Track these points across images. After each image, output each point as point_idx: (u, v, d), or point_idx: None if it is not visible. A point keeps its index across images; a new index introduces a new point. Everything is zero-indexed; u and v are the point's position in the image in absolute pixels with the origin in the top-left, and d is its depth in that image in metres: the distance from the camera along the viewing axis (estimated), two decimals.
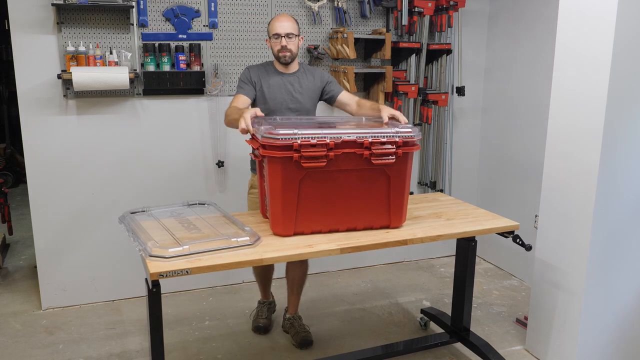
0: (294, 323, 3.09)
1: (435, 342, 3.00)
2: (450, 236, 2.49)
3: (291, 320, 3.11)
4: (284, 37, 2.71)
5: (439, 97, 3.87)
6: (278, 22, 2.74)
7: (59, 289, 3.45)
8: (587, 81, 2.55)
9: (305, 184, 2.31)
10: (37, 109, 3.21)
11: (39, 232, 3.35)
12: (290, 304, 3.13)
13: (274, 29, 2.74)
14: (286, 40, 2.72)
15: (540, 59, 3.59)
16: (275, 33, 2.73)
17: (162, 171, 3.50)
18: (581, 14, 2.56)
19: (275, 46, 2.75)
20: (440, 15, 3.79)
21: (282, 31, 2.71)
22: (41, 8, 3.10)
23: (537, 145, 3.50)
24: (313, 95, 2.89)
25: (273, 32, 2.74)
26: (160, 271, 1.98)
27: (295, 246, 2.26)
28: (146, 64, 3.30)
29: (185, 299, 3.58)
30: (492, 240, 3.44)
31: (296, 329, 3.06)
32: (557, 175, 2.77)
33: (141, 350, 3.00)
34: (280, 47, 2.73)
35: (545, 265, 2.86)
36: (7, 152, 6.40)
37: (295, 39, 2.76)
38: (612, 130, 2.50)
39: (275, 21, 2.76)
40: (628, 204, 2.64)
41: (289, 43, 2.73)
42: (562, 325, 2.78)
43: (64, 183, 3.33)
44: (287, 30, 2.71)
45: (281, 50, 2.74)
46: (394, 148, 2.35)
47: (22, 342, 3.07)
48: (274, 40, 2.75)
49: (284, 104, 2.81)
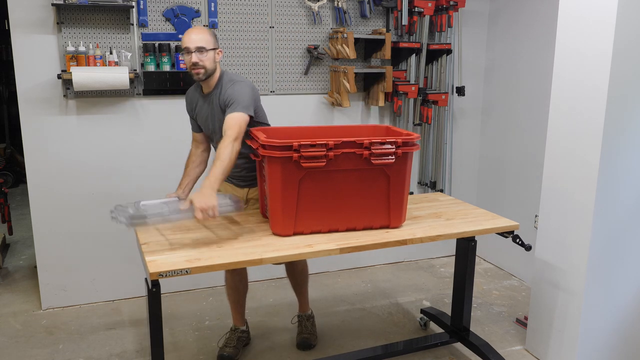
0: (302, 322, 3.08)
1: (435, 342, 3.00)
2: (450, 236, 2.49)
3: (300, 318, 3.09)
4: (194, 52, 2.39)
5: (439, 97, 3.87)
6: (187, 35, 2.43)
7: (59, 289, 3.45)
8: (587, 81, 2.55)
9: (305, 184, 2.31)
10: (37, 109, 3.21)
11: (39, 232, 3.36)
12: (298, 302, 3.09)
13: (183, 43, 2.43)
14: (197, 55, 2.39)
15: (540, 58, 3.59)
16: (185, 47, 2.41)
17: (161, 170, 3.50)
18: (581, 13, 2.56)
19: (187, 63, 2.43)
20: (440, 15, 3.79)
21: (192, 45, 2.39)
22: (41, 8, 3.10)
23: (537, 145, 3.50)
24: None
25: (183, 47, 2.42)
26: (160, 271, 1.98)
27: (294, 246, 2.27)
28: (146, 64, 3.30)
29: (185, 299, 3.59)
30: (492, 240, 3.44)
31: (301, 329, 3.06)
32: (557, 175, 2.77)
33: (141, 350, 3.00)
34: (192, 64, 2.41)
35: (545, 265, 2.86)
36: (7, 152, 6.40)
37: (211, 53, 2.43)
38: (612, 131, 2.50)
39: (185, 34, 2.45)
40: (628, 203, 2.64)
41: (202, 59, 2.40)
42: (562, 325, 2.78)
43: (64, 183, 3.34)
44: (198, 44, 2.40)
45: (192, 67, 2.41)
46: (393, 148, 2.36)
47: (22, 342, 3.07)
48: (185, 56, 2.43)
49: (214, 132, 2.57)
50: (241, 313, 2.97)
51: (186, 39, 2.44)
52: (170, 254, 2.15)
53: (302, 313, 3.10)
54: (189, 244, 2.25)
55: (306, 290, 3.06)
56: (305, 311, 3.09)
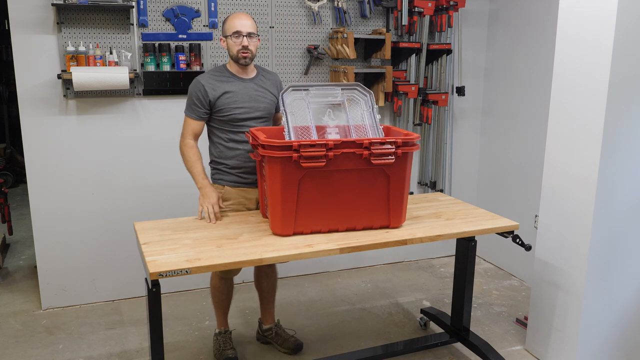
0: (278, 331, 3.00)
1: (435, 342, 3.00)
2: (449, 236, 2.49)
3: (274, 329, 3.00)
4: (245, 36, 2.54)
5: (439, 97, 3.87)
6: (238, 19, 2.56)
7: (59, 289, 3.45)
8: (587, 81, 2.55)
9: (305, 184, 2.31)
10: (37, 109, 3.21)
11: (39, 232, 3.36)
12: (267, 314, 3.01)
13: (234, 27, 2.54)
14: (247, 39, 2.54)
15: (540, 58, 3.59)
16: (236, 31, 2.53)
17: (162, 171, 3.50)
18: (581, 15, 2.56)
19: (235, 46, 2.55)
20: (440, 15, 3.79)
21: (244, 29, 2.54)
22: (41, 8, 3.10)
23: (537, 145, 3.51)
24: (274, 100, 2.73)
25: (233, 30, 2.53)
26: (160, 271, 1.98)
27: (294, 246, 2.26)
28: (146, 64, 3.31)
29: (185, 299, 3.59)
30: (492, 240, 3.44)
31: (283, 337, 2.98)
32: (557, 175, 2.77)
33: (141, 350, 3.00)
34: (241, 47, 2.54)
35: (545, 265, 2.86)
36: (7, 152, 6.41)
37: (256, 40, 2.60)
38: (612, 131, 2.50)
39: (234, 19, 2.57)
40: (627, 204, 2.64)
41: (250, 43, 2.56)
42: (562, 325, 2.78)
43: (64, 183, 3.34)
44: (249, 29, 2.55)
45: (242, 50, 2.55)
46: (393, 148, 2.35)
47: (22, 342, 3.07)
48: (234, 39, 2.54)
49: (249, 113, 2.63)
50: (227, 315, 2.93)
51: (237, 23, 2.54)
52: (171, 254, 2.15)
53: (272, 324, 3.02)
54: (189, 244, 2.25)
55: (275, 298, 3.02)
56: (274, 321, 3.04)
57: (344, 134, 2.51)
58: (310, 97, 2.51)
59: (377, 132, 2.53)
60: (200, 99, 2.58)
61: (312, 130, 2.44)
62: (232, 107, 2.60)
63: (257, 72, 2.71)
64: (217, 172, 2.73)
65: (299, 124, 2.46)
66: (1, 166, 5.99)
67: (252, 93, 2.64)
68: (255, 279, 2.99)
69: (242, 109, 2.61)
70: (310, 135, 2.42)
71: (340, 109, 2.56)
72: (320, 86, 2.57)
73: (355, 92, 2.58)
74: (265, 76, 2.74)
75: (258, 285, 2.98)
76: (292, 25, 3.60)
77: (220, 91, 2.58)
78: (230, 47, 2.58)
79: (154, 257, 2.11)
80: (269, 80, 2.74)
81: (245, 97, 2.62)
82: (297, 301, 3.58)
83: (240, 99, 2.61)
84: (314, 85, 2.54)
